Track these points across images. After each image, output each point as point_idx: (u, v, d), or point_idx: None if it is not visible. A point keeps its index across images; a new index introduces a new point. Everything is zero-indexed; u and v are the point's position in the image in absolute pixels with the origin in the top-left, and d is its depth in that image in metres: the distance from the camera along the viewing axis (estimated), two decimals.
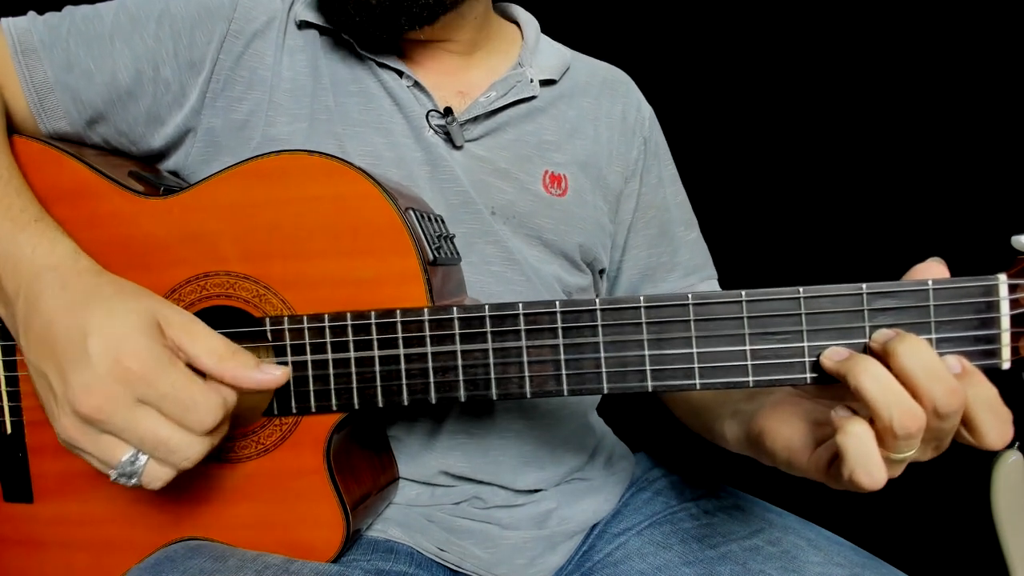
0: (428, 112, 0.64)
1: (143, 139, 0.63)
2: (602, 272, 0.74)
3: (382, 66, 0.65)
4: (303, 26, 0.66)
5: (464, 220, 0.64)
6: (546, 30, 0.76)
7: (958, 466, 0.60)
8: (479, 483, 0.63)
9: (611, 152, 0.72)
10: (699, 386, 0.46)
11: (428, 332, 0.49)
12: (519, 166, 0.67)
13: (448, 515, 0.63)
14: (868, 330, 0.44)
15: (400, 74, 0.65)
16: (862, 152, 1.22)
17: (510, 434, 0.64)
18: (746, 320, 0.45)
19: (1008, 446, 0.46)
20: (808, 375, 0.45)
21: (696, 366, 0.46)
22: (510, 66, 0.70)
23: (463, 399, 0.49)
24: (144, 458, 0.45)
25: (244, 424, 0.53)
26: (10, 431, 0.58)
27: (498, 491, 0.64)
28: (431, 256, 0.52)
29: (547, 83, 0.70)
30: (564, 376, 0.48)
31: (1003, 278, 0.43)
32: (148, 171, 0.62)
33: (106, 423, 0.44)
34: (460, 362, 0.49)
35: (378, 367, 0.50)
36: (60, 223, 0.52)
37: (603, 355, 0.47)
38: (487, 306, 0.48)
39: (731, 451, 0.56)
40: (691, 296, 0.45)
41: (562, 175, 0.68)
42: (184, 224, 0.53)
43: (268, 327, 0.52)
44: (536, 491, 0.65)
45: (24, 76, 0.60)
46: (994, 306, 0.43)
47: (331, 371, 0.51)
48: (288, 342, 0.51)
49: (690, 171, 0.80)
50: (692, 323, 0.45)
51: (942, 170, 1.18)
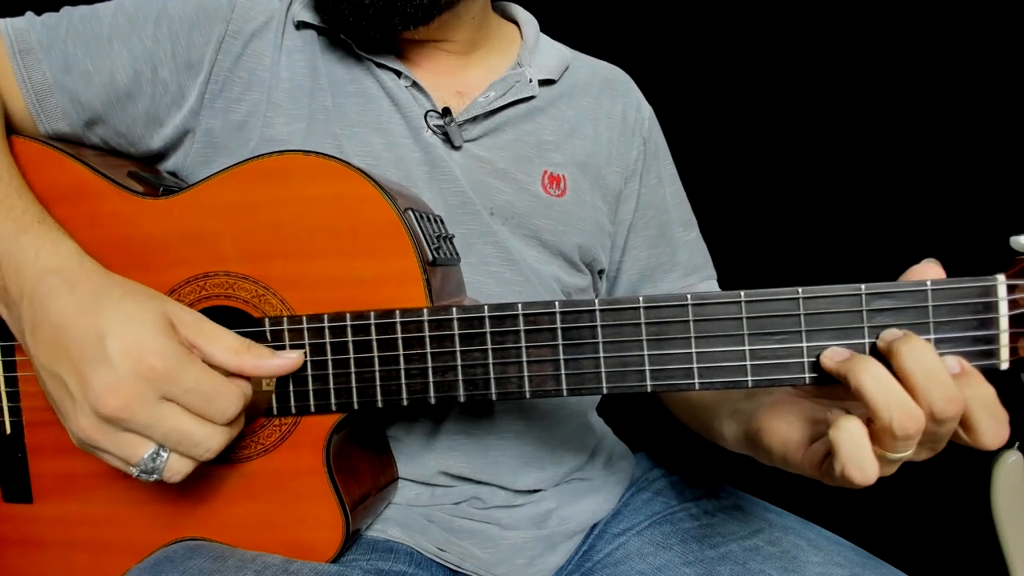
0: (426, 112, 0.64)
1: (142, 140, 0.63)
2: (601, 272, 0.74)
3: (380, 66, 0.65)
4: (301, 26, 0.66)
5: (463, 220, 0.64)
6: (546, 30, 0.76)
7: (958, 466, 0.60)
8: (479, 483, 0.63)
9: (610, 152, 0.72)
10: (698, 386, 0.46)
11: (427, 332, 0.49)
12: (518, 166, 0.67)
13: (448, 515, 0.63)
14: (867, 331, 0.44)
15: (398, 74, 0.65)
16: (861, 153, 1.22)
17: (509, 434, 0.64)
18: (745, 320, 0.45)
19: (1008, 446, 0.47)
20: (807, 375, 0.45)
21: (695, 366, 0.46)
22: (509, 66, 0.70)
23: (462, 399, 0.49)
24: (166, 454, 0.46)
25: (244, 424, 0.53)
26: (9, 431, 0.58)
27: (498, 491, 0.64)
28: (430, 256, 0.52)
29: (546, 83, 0.70)
30: (563, 376, 0.48)
31: (1001, 278, 0.43)
32: (147, 171, 0.62)
33: (130, 422, 0.44)
34: (459, 362, 0.49)
35: (377, 367, 0.50)
36: (60, 223, 0.52)
37: (602, 355, 0.47)
38: (486, 306, 0.48)
39: (730, 451, 0.56)
40: (690, 297, 0.45)
41: (561, 175, 0.68)
42: (184, 224, 0.53)
43: (267, 327, 0.52)
44: (536, 491, 0.65)
45: (22, 76, 0.59)
46: (992, 307, 0.43)
47: (330, 371, 0.51)
48: (287, 342, 0.51)
49: (690, 171, 0.80)
50: (691, 323, 0.45)
51: (941, 171, 1.18)
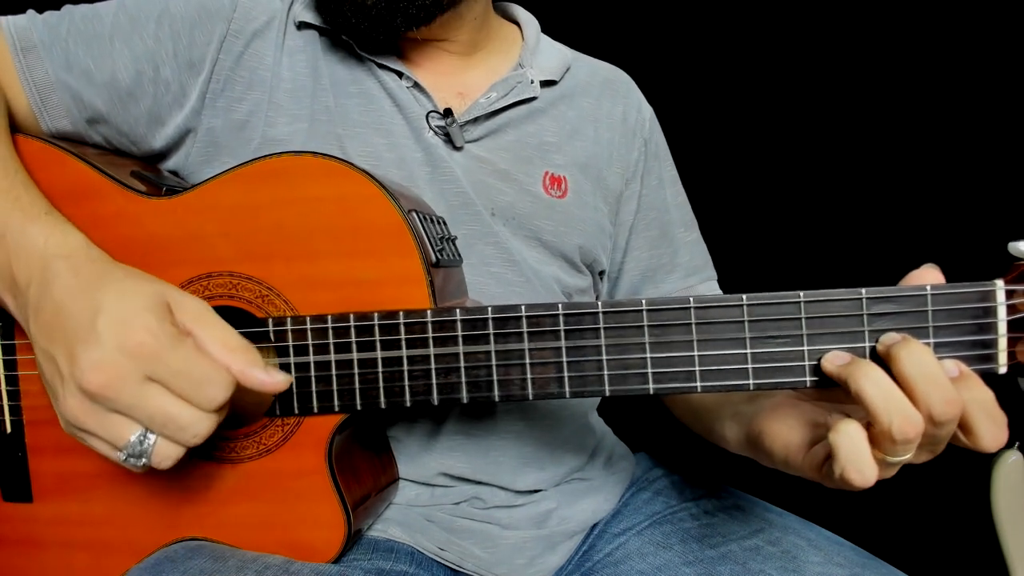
0: (428, 113, 0.64)
1: (144, 139, 0.63)
2: (602, 274, 0.74)
3: (382, 67, 0.65)
4: (302, 27, 0.66)
5: (464, 221, 0.64)
6: (546, 30, 0.76)
7: (958, 466, 0.61)
8: (479, 484, 0.64)
9: (611, 153, 0.72)
10: (700, 389, 0.46)
11: (431, 334, 0.49)
12: (519, 167, 0.67)
13: (448, 515, 0.63)
14: (867, 335, 0.44)
15: (400, 75, 0.65)
16: (863, 158, 1.22)
17: (510, 435, 0.64)
18: (747, 324, 0.45)
19: (1008, 446, 0.47)
20: (808, 378, 0.45)
21: (697, 369, 0.46)
22: (510, 67, 0.70)
23: (465, 400, 0.49)
24: (153, 437, 0.44)
25: (246, 424, 0.54)
26: (10, 430, 0.58)
27: (498, 491, 0.64)
28: (434, 258, 0.52)
29: (548, 84, 0.70)
30: (566, 378, 0.48)
31: (1000, 284, 0.43)
32: (150, 171, 0.62)
33: (114, 400, 0.43)
34: (462, 364, 0.49)
35: (381, 368, 0.50)
36: None
37: (605, 357, 0.47)
38: (490, 308, 0.48)
39: (731, 452, 0.57)
40: (693, 300, 0.46)
41: (562, 176, 0.69)
42: (187, 224, 0.53)
43: (271, 328, 0.52)
44: (536, 491, 0.65)
45: (24, 74, 0.59)
46: (991, 311, 0.43)
47: (334, 372, 0.51)
48: (291, 343, 0.51)
49: (690, 172, 0.81)
50: (694, 326, 0.46)
51: (940, 177, 1.19)
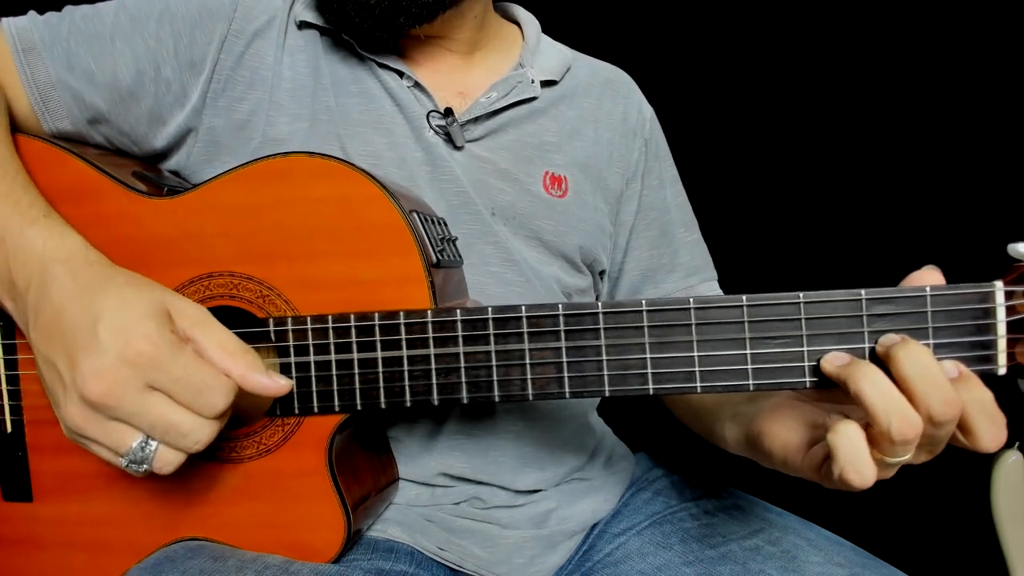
0: (428, 113, 0.65)
1: (145, 139, 0.63)
2: (602, 273, 0.74)
3: (382, 67, 0.65)
4: (303, 26, 0.66)
5: (464, 221, 0.64)
6: (546, 30, 0.76)
7: (958, 466, 0.61)
8: (479, 484, 0.64)
9: (612, 153, 0.72)
10: (700, 389, 0.46)
11: (431, 334, 0.49)
12: (519, 167, 0.67)
13: (448, 515, 0.63)
14: (867, 335, 0.44)
15: (400, 74, 0.65)
16: (862, 159, 1.22)
17: (510, 435, 0.64)
18: (747, 324, 0.45)
19: (1008, 446, 0.47)
20: (808, 379, 0.45)
21: (697, 369, 0.46)
22: (511, 66, 0.70)
23: (465, 401, 0.49)
24: (155, 444, 0.45)
25: (246, 424, 0.54)
26: (10, 430, 0.58)
27: (498, 491, 0.64)
28: (434, 258, 0.52)
29: (548, 84, 0.70)
30: (566, 378, 0.48)
31: (999, 285, 0.43)
32: (151, 171, 0.62)
33: (115, 408, 0.43)
34: (463, 364, 0.49)
35: (381, 368, 0.50)
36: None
37: (605, 358, 0.47)
38: (490, 308, 0.48)
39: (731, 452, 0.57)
40: (692, 300, 0.46)
41: (562, 176, 0.69)
42: (188, 224, 0.53)
43: (272, 328, 0.52)
44: (536, 491, 0.65)
45: (26, 75, 0.59)
46: (990, 313, 0.43)
47: (334, 372, 0.51)
48: (291, 343, 0.51)
49: (690, 172, 0.81)
50: (693, 327, 0.46)
51: (940, 178, 1.19)
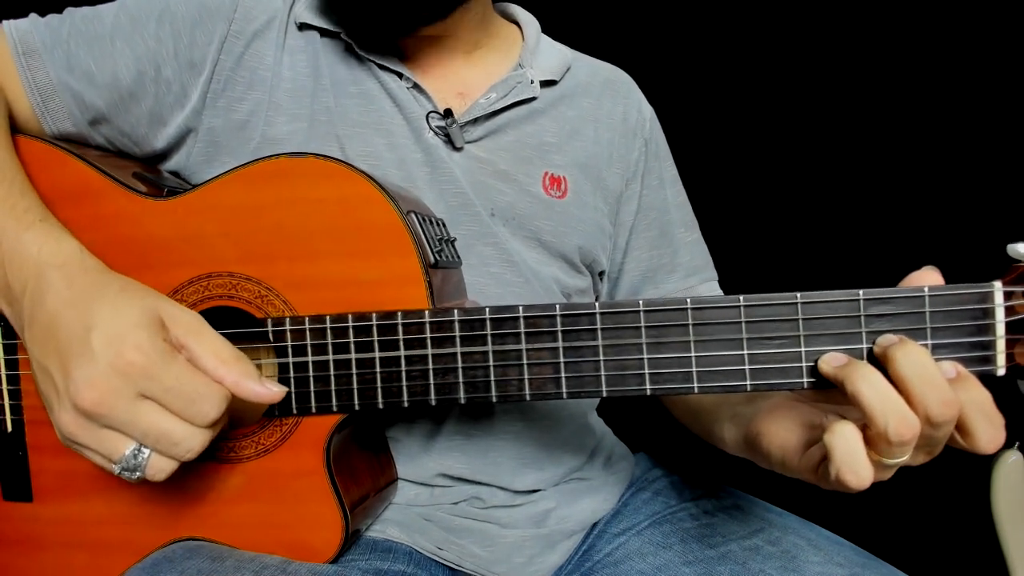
0: (428, 113, 0.65)
1: (146, 140, 0.63)
2: (601, 274, 0.74)
3: (382, 68, 0.65)
4: (303, 27, 0.66)
5: (463, 221, 0.64)
6: (546, 30, 0.75)
7: (958, 466, 0.60)
8: (478, 484, 0.64)
9: (611, 154, 0.72)
10: (697, 390, 0.46)
11: (429, 334, 0.49)
12: (519, 168, 0.67)
13: (447, 514, 0.63)
14: (865, 336, 0.44)
15: (400, 76, 0.65)
16: (862, 159, 1.22)
17: (509, 435, 0.64)
18: (744, 325, 0.45)
19: (1008, 446, 0.47)
20: (805, 380, 0.45)
21: (694, 370, 0.46)
22: (510, 67, 0.70)
23: (463, 401, 0.49)
24: (147, 451, 0.45)
25: (244, 424, 0.54)
26: (11, 429, 0.58)
27: (497, 491, 0.64)
28: (432, 259, 0.52)
29: (548, 84, 0.70)
30: (563, 379, 0.48)
31: (998, 285, 0.43)
32: (151, 172, 0.62)
33: (107, 417, 0.44)
34: (460, 364, 0.49)
35: (379, 368, 0.50)
36: (64, 223, 0.52)
37: (602, 358, 0.47)
38: (487, 309, 0.48)
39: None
40: (690, 301, 0.46)
41: (562, 177, 0.69)
42: (188, 225, 0.54)
43: (270, 328, 0.52)
44: (535, 491, 0.65)
45: (26, 77, 0.60)
46: (989, 313, 0.43)
47: (332, 372, 0.51)
48: (289, 343, 0.51)
49: (690, 172, 0.81)
50: (691, 327, 0.46)
51: (939, 178, 1.19)
